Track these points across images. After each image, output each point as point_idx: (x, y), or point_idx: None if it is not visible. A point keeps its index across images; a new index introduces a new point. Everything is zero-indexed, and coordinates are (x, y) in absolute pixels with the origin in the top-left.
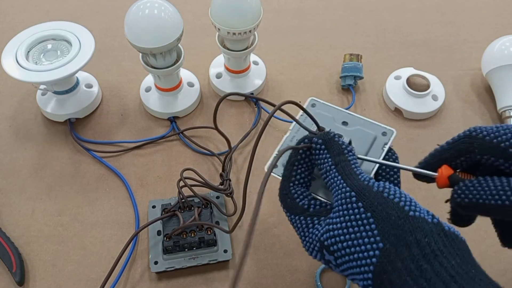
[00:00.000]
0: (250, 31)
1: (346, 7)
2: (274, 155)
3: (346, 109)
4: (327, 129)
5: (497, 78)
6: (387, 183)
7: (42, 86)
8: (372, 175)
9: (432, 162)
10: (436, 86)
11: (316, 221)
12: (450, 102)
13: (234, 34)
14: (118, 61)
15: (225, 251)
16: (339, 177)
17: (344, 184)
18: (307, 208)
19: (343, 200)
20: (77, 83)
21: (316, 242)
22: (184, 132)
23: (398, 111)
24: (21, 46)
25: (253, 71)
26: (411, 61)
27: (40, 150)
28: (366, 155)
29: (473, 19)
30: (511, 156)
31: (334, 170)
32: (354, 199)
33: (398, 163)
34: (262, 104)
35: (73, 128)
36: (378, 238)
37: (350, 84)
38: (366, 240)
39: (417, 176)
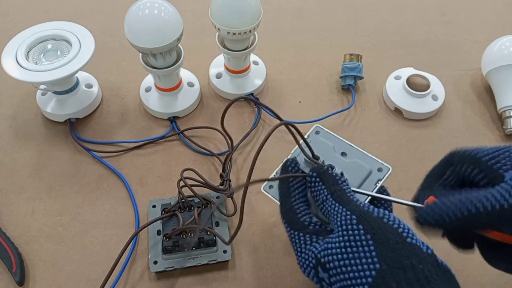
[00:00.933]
0: (250, 31)
1: (346, 7)
2: (272, 175)
3: (346, 109)
4: (322, 159)
5: (497, 78)
6: (386, 211)
7: (42, 86)
8: None
9: (422, 193)
10: (436, 86)
11: (314, 239)
12: (450, 102)
13: (234, 34)
14: (118, 61)
15: (225, 251)
16: (337, 204)
17: (344, 209)
18: (307, 225)
19: (343, 222)
20: (77, 83)
21: (312, 258)
22: (184, 132)
23: (398, 111)
24: (21, 46)
25: (253, 71)
26: (411, 61)
27: (40, 150)
28: (358, 188)
29: (473, 19)
30: (485, 165)
31: (331, 199)
32: (355, 221)
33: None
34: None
35: (73, 128)
36: (375, 259)
37: (350, 84)
38: (363, 260)
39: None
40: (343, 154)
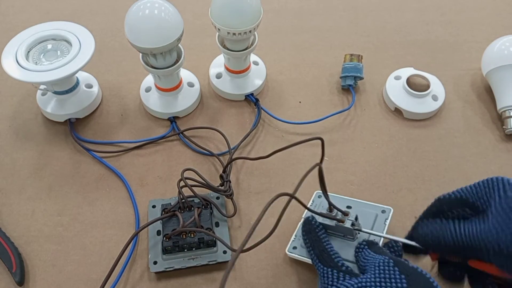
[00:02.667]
0: (250, 32)
1: (346, 7)
2: (292, 239)
3: (346, 110)
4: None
5: (497, 78)
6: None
7: (42, 86)
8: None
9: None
10: (436, 86)
11: (347, 277)
12: (450, 102)
13: (234, 34)
14: (118, 61)
15: (225, 252)
16: (373, 253)
17: (381, 256)
18: (340, 265)
19: (381, 264)
20: (77, 83)
21: None
22: (184, 132)
23: (398, 111)
24: (21, 46)
25: (253, 71)
26: (411, 61)
27: (40, 150)
28: (371, 229)
29: (473, 19)
30: (472, 205)
31: (367, 248)
32: (391, 264)
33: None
34: (261, 105)
35: (73, 128)
36: None
37: (350, 85)
38: None
39: (407, 249)
40: (349, 207)
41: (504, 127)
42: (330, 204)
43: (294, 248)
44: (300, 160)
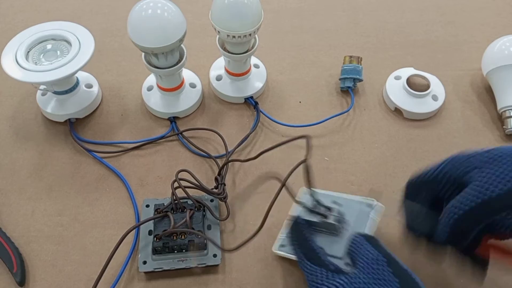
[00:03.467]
0: (250, 35)
1: (346, 7)
2: (279, 237)
3: (345, 112)
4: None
5: (497, 78)
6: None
7: (42, 86)
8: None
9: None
10: (436, 86)
11: (336, 276)
12: (450, 102)
13: (234, 37)
14: (118, 61)
15: (215, 255)
16: (367, 243)
17: (373, 249)
18: (328, 264)
19: (374, 263)
20: (77, 83)
21: None
22: (183, 133)
23: (398, 111)
24: (21, 46)
25: (253, 74)
26: (411, 61)
27: (40, 150)
28: (354, 223)
29: (473, 19)
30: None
31: (362, 239)
32: (385, 263)
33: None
34: (260, 107)
35: (73, 128)
36: None
37: (349, 87)
38: None
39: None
40: (335, 202)
41: (504, 127)
42: (314, 199)
43: (282, 246)
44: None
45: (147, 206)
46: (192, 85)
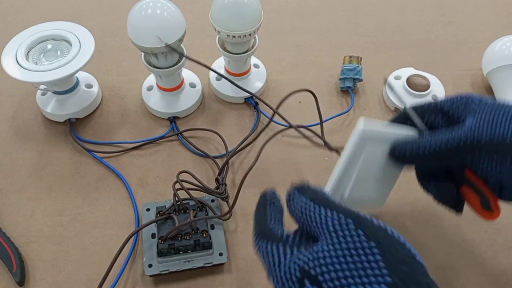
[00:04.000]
0: (250, 35)
1: (346, 7)
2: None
3: (345, 112)
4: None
5: (497, 78)
6: (385, 223)
7: (42, 86)
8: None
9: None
10: (436, 86)
11: (295, 251)
12: None
13: (234, 37)
14: (118, 61)
15: (221, 254)
16: (321, 208)
17: (334, 212)
18: (285, 238)
19: (336, 227)
20: (77, 83)
21: (295, 270)
22: (183, 133)
23: (398, 111)
24: (21, 46)
25: (253, 74)
26: (411, 61)
27: (40, 150)
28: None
29: (473, 19)
30: (447, 113)
31: (312, 204)
32: (351, 226)
33: None
34: (261, 108)
35: (73, 128)
36: (384, 271)
37: (349, 87)
38: (369, 271)
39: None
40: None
41: None
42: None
43: None
44: (300, 160)
45: (148, 210)
46: (192, 85)
